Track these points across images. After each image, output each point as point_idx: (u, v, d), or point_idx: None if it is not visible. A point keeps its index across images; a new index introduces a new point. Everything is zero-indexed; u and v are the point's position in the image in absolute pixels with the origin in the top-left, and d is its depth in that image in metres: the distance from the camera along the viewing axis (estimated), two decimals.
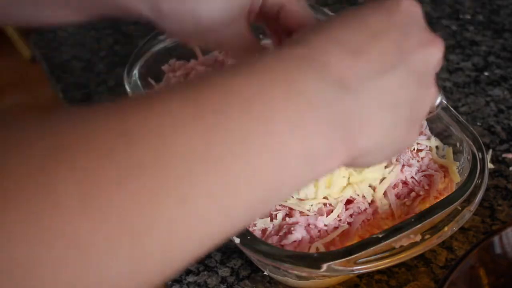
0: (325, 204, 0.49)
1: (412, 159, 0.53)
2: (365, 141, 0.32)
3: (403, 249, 0.44)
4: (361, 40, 0.32)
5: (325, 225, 0.48)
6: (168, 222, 0.24)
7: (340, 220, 0.49)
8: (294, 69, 0.30)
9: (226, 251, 0.53)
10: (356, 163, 0.33)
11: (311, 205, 0.49)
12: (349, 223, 0.49)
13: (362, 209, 0.50)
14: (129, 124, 0.25)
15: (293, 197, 0.49)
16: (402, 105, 0.34)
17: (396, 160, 0.52)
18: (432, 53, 0.35)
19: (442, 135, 0.55)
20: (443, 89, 0.69)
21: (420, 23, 0.35)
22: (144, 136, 0.24)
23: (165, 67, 0.65)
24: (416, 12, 0.35)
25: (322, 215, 0.48)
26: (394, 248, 0.44)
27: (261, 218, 0.48)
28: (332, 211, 0.49)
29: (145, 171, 0.24)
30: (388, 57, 0.32)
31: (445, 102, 0.40)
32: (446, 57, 0.74)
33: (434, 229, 0.45)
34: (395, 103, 0.33)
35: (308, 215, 0.48)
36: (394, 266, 0.51)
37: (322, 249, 0.47)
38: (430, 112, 0.38)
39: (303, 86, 0.29)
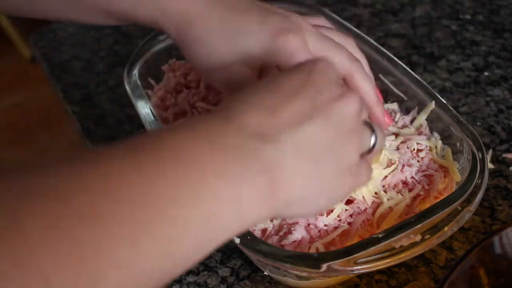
0: None
1: (412, 159, 0.53)
2: (289, 190, 0.35)
3: (403, 249, 0.44)
4: (275, 100, 0.36)
5: (325, 225, 0.48)
6: (122, 261, 0.28)
7: (340, 220, 0.49)
8: (217, 128, 0.34)
9: (226, 251, 0.53)
10: (285, 213, 0.37)
11: None
12: (349, 223, 0.49)
13: (362, 209, 0.50)
14: (84, 177, 0.29)
15: None
16: (323, 154, 0.37)
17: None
18: (345, 104, 0.38)
19: (442, 135, 0.55)
20: (443, 89, 0.69)
21: (333, 80, 0.39)
22: (97, 188, 0.28)
23: (165, 67, 0.65)
24: (330, 71, 0.40)
25: (322, 215, 0.48)
26: (394, 248, 0.44)
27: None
28: (332, 211, 0.49)
29: (99, 218, 0.28)
30: (302, 112, 0.36)
31: (383, 141, 0.43)
32: (446, 57, 0.74)
33: (434, 229, 0.45)
34: (315, 152, 0.36)
35: None
36: (394, 266, 0.51)
37: (322, 249, 0.47)
38: (368, 152, 0.41)
39: (226, 141, 0.33)
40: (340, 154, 0.38)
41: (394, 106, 0.59)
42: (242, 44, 0.48)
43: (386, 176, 0.51)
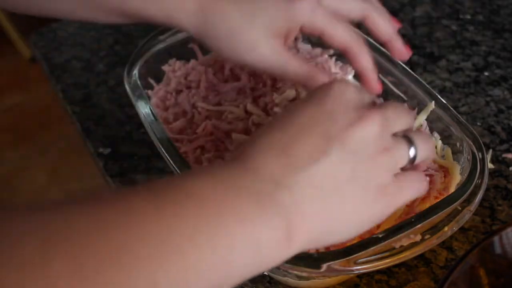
0: None
1: None
2: (309, 229, 0.35)
3: (403, 249, 0.44)
4: (287, 139, 0.36)
5: None
6: None
7: None
8: (234, 174, 0.35)
9: None
10: (311, 247, 0.37)
11: None
12: None
13: None
14: (105, 220, 0.29)
15: None
16: (345, 186, 0.36)
17: None
18: (364, 127, 0.37)
19: (442, 135, 0.55)
20: (443, 89, 0.69)
21: (349, 105, 0.38)
22: (117, 230, 0.29)
23: (165, 67, 0.65)
24: (346, 94, 0.38)
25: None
26: (394, 248, 0.44)
27: None
28: None
29: (119, 258, 0.28)
30: (316, 148, 0.36)
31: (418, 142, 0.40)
32: (446, 57, 0.74)
33: (434, 229, 0.45)
34: (335, 186, 0.36)
35: None
36: (394, 266, 0.51)
37: (322, 249, 0.47)
38: (411, 164, 0.40)
39: (243, 186, 0.34)
40: (366, 180, 0.37)
41: None
42: (262, 18, 0.48)
43: None
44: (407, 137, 0.39)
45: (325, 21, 0.48)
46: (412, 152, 0.39)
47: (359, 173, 0.36)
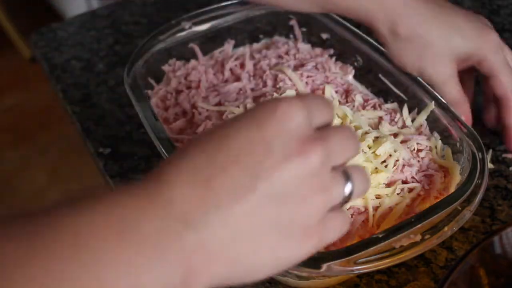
0: None
1: (412, 159, 0.53)
2: (222, 270, 0.31)
3: (403, 249, 0.44)
4: (213, 168, 0.31)
5: None
6: None
7: None
8: (135, 209, 0.30)
9: None
10: (229, 284, 0.33)
11: None
12: None
13: (362, 209, 0.50)
14: None
15: None
16: (265, 228, 0.32)
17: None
18: (298, 165, 0.32)
19: (442, 135, 0.55)
20: None
21: (292, 133, 0.32)
22: None
23: (165, 67, 0.65)
24: (291, 119, 0.33)
25: None
26: (394, 248, 0.44)
27: None
28: None
29: None
30: (241, 184, 0.31)
31: (351, 189, 0.35)
32: None
33: (434, 229, 0.45)
34: (254, 228, 0.32)
35: None
36: (394, 266, 0.51)
37: (322, 249, 0.47)
38: (344, 202, 0.35)
39: (142, 226, 0.29)
40: (290, 224, 0.32)
41: (394, 106, 0.59)
42: (455, 40, 0.51)
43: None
44: (345, 173, 0.35)
45: (502, 65, 0.52)
46: (347, 190, 0.35)
47: (285, 216, 0.32)
